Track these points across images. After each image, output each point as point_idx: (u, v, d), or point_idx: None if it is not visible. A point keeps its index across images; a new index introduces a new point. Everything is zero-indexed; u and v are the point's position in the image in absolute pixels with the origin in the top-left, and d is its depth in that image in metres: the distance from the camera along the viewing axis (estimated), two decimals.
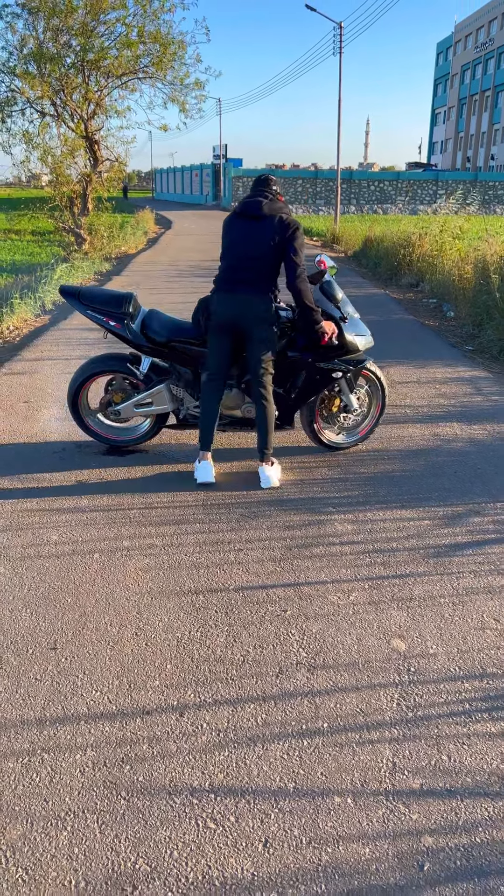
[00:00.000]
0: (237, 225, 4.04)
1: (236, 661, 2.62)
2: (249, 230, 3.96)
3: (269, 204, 3.96)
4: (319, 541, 3.50)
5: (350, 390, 4.43)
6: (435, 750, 2.21)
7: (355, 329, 4.25)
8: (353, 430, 4.66)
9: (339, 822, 1.95)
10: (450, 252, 11.64)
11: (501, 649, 2.68)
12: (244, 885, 1.78)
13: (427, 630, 2.80)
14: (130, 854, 1.85)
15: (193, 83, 17.24)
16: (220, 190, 48.10)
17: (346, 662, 2.61)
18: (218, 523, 3.67)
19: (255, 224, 3.95)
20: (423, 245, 12.72)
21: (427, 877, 1.80)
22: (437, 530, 3.60)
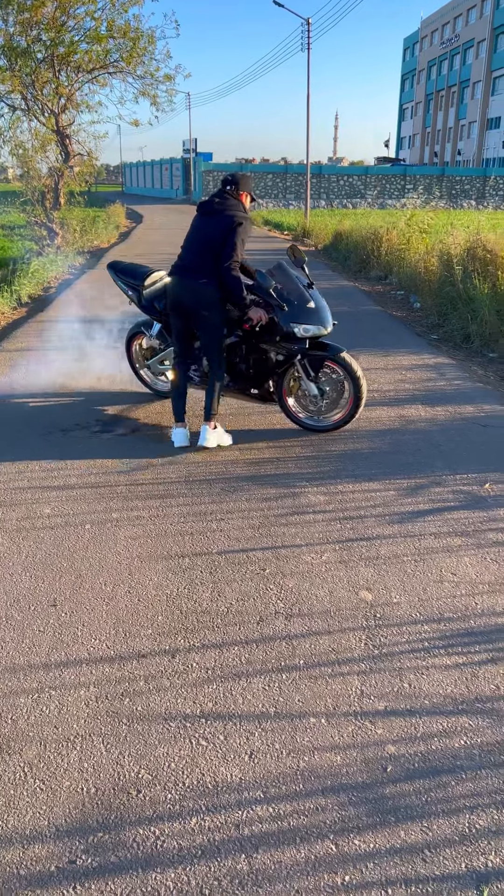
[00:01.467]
0: (196, 221, 4.62)
1: (221, 611, 2.90)
2: (203, 225, 4.53)
3: (222, 202, 4.51)
4: (294, 510, 3.79)
5: (307, 376, 4.71)
6: (398, 679, 2.51)
7: (295, 318, 4.51)
8: (321, 416, 4.91)
9: (314, 737, 2.25)
10: (416, 245, 12.01)
11: (457, 598, 3.00)
12: (233, 787, 2.06)
13: (391, 583, 3.11)
14: (133, 767, 2.13)
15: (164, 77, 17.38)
16: (191, 184, 48.11)
17: (319, 611, 2.91)
18: (200, 496, 3.94)
19: (208, 219, 4.51)
20: (391, 238, 13.09)
21: (389, 777, 2.11)
22: (402, 499, 3.91)
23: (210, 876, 1.80)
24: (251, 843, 1.89)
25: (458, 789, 2.06)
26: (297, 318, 4.52)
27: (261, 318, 4.53)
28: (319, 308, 4.56)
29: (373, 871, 1.82)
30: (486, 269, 8.17)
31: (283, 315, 4.51)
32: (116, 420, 5.18)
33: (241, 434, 4.89)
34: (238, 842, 1.89)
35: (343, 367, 4.67)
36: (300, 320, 4.52)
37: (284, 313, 4.51)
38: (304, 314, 4.53)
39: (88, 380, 6.12)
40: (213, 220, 4.45)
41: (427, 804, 2.01)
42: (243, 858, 1.85)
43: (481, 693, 2.45)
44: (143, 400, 5.63)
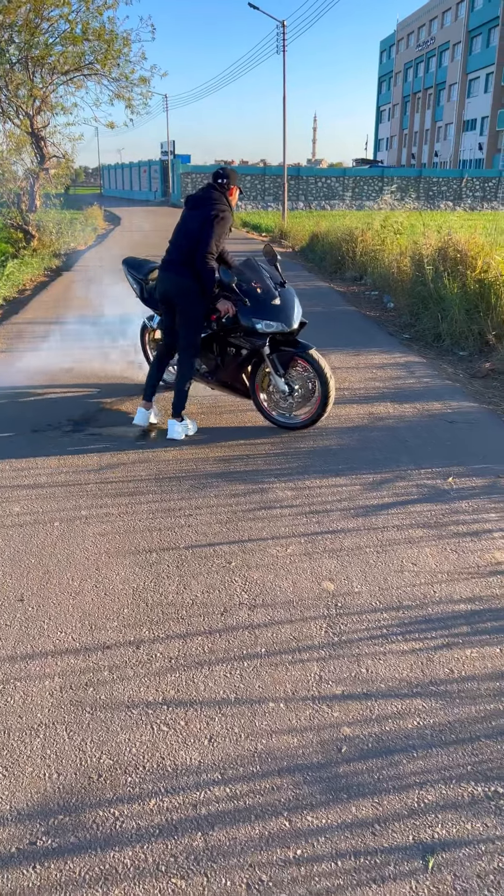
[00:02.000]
0: (182, 215, 4.75)
1: (186, 603, 2.96)
2: (186, 219, 4.68)
3: (206, 195, 4.64)
4: (262, 505, 3.86)
5: (276, 371, 4.79)
6: (356, 665, 2.59)
7: (258, 314, 4.60)
8: (291, 412, 4.99)
9: (273, 721, 2.32)
10: (391, 246, 12.14)
11: (416, 586, 3.08)
12: (192, 769, 2.13)
13: (354, 574, 3.18)
14: (95, 752, 2.18)
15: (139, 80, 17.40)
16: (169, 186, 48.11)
17: (282, 601, 2.98)
18: (170, 493, 4.00)
19: (191, 213, 4.67)
20: (366, 240, 13.21)
21: (344, 757, 2.18)
22: (367, 493, 4.00)
23: (166, 853, 1.86)
24: (207, 821, 1.95)
25: (409, 767, 2.14)
26: (260, 314, 4.60)
27: (228, 310, 4.65)
28: (285, 306, 4.62)
29: (324, 845, 1.89)
30: (455, 269, 8.30)
31: (245, 310, 4.62)
32: (88, 420, 5.22)
33: (213, 432, 4.95)
34: (195, 821, 1.96)
35: (311, 365, 4.73)
36: (263, 316, 4.60)
37: (246, 308, 4.62)
38: (267, 310, 4.61)
39: (63, 380, 6.15)
40: (196, 213, 4.61)
41: (379, 781, 2.09)
42: (199, 836, 1.91)
43: (436, 676, 2.53)
44: (115, 400, 5.68)
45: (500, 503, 3.87)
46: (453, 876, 1.82)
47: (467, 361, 7.00)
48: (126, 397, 5.73)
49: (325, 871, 1.82)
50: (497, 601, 2.98)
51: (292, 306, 4.67)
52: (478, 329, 7.30)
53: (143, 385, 5.09)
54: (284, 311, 4.62)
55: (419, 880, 1.80)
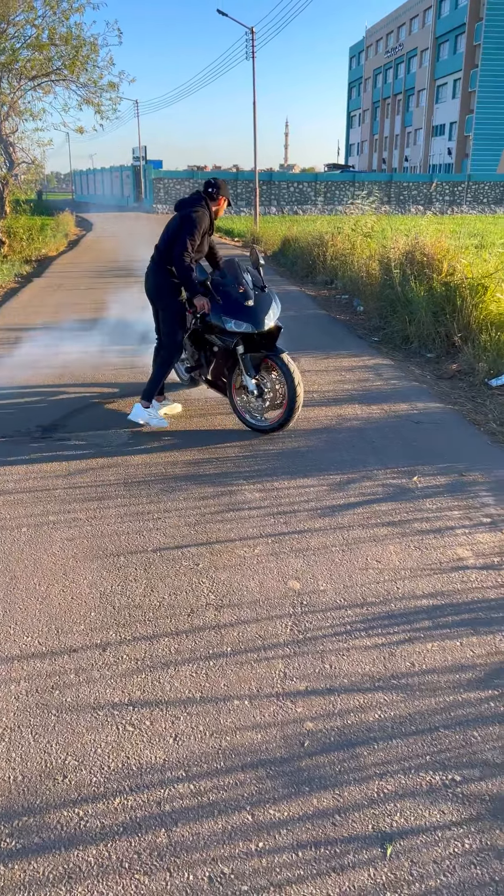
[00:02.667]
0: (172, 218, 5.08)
1: (153, 606, 2.98)
2: (168, 223, 5.00)
3: (189, 200, 4.93)
4: (230, 507, 3.90)
5: (247, 371, 4.84)
6: (320, 661, 2.63)
7: (230, 313, 4.70)
8: (261, 415, 5.03)
9: (237, 718, 2.35)
10: (360, 251, 12.27)
11: (380, 583, 3.14)
12: (157, 767, 2.15)
13: (319, 572, 3.23)
14: (60, 754, 2.20)
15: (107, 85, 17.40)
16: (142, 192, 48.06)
17: (249, 601, 3.01)
18: (138, 497, 4.02)
19: (175, 216, 4.98)
20: (336, 244, 13.34)
21: (307, 751, 2.22)
22: (334, 493, 4.05)
23: (130, 850, 1.89)
24: (171, 818, 1.98)
25: (370, 759, 2.19)
26: (231, 313, 4.69)
27: (203, 306, 4.80)
28: (258, 308, 4.69)
29: (285, 837, 1.93)
30: (423, 273, 8.42)
31: (216, 307, 4.75)
32: (56, 426, 5.21)
33: (182, 435, 4.98)
34: (159, 818, 1.98)
35: (280, 369, 4.78)
36: (234, 315, 4.69)
37: (218, 306, 4.73)
38: (239, 310, 4.68)
39: (32, 386, 6.13)
40: (175, 217, 4.94)
41: (340, 774, 2.13)
42: (163, 832, 1.94)
43: (397, 670, 2.58)
44: (84, 406, 5.68)
45: (463, 501, 3.95)
46: (410, 862, 1.86)
47: (434, 363, 7.10)
48: (95, 403, 5.73)
49: (286, 862, 1.86)
50: (458, 596, 3.04)
51: (266, 309, 4.71)
52: (444, 331, 7.41)
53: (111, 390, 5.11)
54: (256, 313, 4.68)
55: (377, 868, 1.85)
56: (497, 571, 3.23)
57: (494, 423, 5.29)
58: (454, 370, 6.64)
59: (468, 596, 3.05)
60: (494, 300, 7.29)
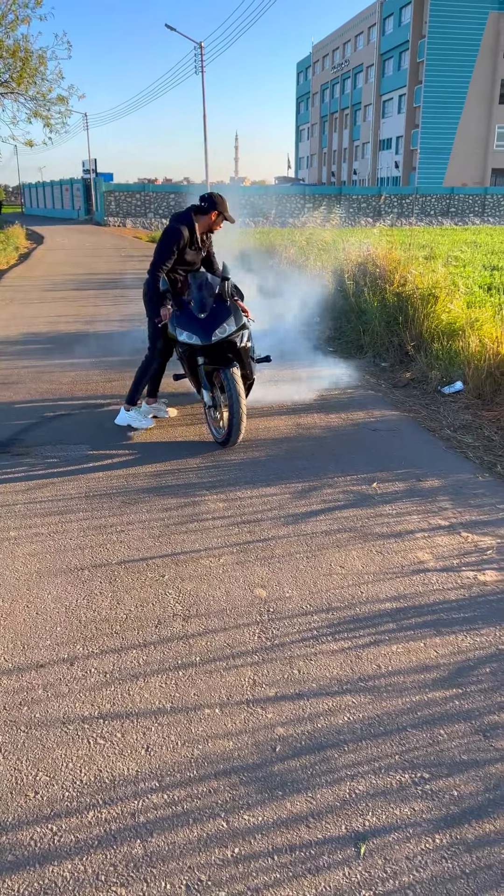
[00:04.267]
0: None
1: (120, 618, 2.98)
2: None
3: (174, 215, 5.16)
4: (194, 518, 3.91)
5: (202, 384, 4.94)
6: (288, 667, 2.66)
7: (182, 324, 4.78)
8: (217, 426, 5.04)
9: (208, 727, 2.36)
10: (314, 262, 12.43)
11: (345, 588, 3.19)
12: (130, 779, 2.15)
13: (285, 579, 3.27)
14: (31, 770, 2.18)
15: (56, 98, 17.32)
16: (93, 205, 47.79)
17: (216, 610, 3.03)
18: (100, 510, 4.00)
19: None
20: (290, 256, 13.49)
21: (278, 756, 2.25)
22: (296, 501, 4.10)
23: (106, 863, 1.88)
24: (146, 828, 1.98)
25: (341, 760, 2.22)
26: (182, 325, 4.75)
27: (165, 315, 4.96)
28: (209, 321, 4.68)
29: (260, 842, 1.95)
30: (375, 284, 8.59)
31: (173, 318, 4.85)
32: (14, 440, 5.15)
33: (144, 447, 4.98)
34: (133, 829, 1.98)
35: (225, 383, 4.71)
36: (185, 327, 4.74)
37: (174, 317, 4.82)
38: (191, 322, 4.73)
39: None
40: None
41: (312, 777, 2.16)
42: (138, 843, 1.94)
43: (364, 673, 2.63)
44: (41, 420, 5.62)
45: (421, 505, 4.04)
46: (384, 860, 1.90)
47: (389, 372, 7.24)
48: (52, 417, 5.68)
49: (262, 867, 1.88)
50: (420, 598, 3.11)
51: (218, 323, 4.69)
52: (398, 340, 7.57)
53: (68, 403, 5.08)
54: (205, 326, 4.68)
55: (352, 867, 1.88)
56: (457, 573, 3.32)
57: (448, 429, 5.42)
58: (408, 378, 6.79)
59: (430, 598, 3.12)
60: (445, 310, 7.48)
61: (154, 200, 41.73)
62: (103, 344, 8.63)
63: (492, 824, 2.00)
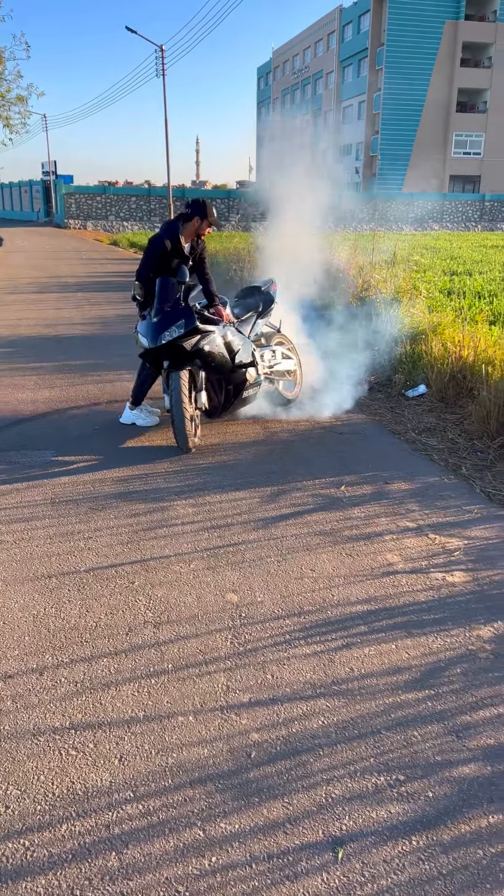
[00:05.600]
0: None
1: (89, 626, 2.93)
2: None
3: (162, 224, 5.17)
4: (163, 523, 3.87)
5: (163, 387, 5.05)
6: (261, 672, 2.65)
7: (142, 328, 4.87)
8: None
9: (183, 735, 2.34)
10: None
11: (316, 591, 3.20)
12: (104, 790, 2.11)
13: (256, 584, 3.26)
14: (1, 784, 2.12)
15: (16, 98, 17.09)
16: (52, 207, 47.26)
17: (187, 616, 3.00)
18: (67, 517, 3.94)
19: None
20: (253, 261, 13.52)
21: (254, 762, 2.23)
22: (266, 505, 4.10)
23: (81, 877, 1.84)
24: (121, 840, 1.95)
25: (317, 765, 2.22)
26: (142, 328, 4.86)
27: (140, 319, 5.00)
28: (159, 325, 4.76)
29: (238, 850, 1.93)
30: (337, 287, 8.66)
31: (138, 322, 4.94)
32: None
33: (110, 453, 4.92)
34: (108, 841, 1.95)
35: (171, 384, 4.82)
36: (142, 331, 4.85)
37: (140, 321, 4.94)
38: (147, 326, 4.82)
39: None
40: None
41: (288, 782, 2.15)
42: (114, 856, 1.90)
43: (337, 676, 2.63)
44: (2, 426, 5.52)
45: (389, 508, 4.07)
46: (362, 864, 1.90)
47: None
48: (14, 422, 5.58)
49: (240, 876, 1.86)
50: (390, 600, 3.13)
51: (167, 325, 4.73)
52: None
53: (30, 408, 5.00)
54: (155, 329, 4.76)
55: (330, 872, 1.88)
56: (425, 575, 3.35)
57: (413, 431, 5.48)
58: (372, 382, 6.85)
59: (400, 600, 3.14)
60: (408, 314, 7.57)
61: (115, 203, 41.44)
62: (66, 348, 8.53)
63: (467, 825, 2.02)
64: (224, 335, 4.99)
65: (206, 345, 4.79)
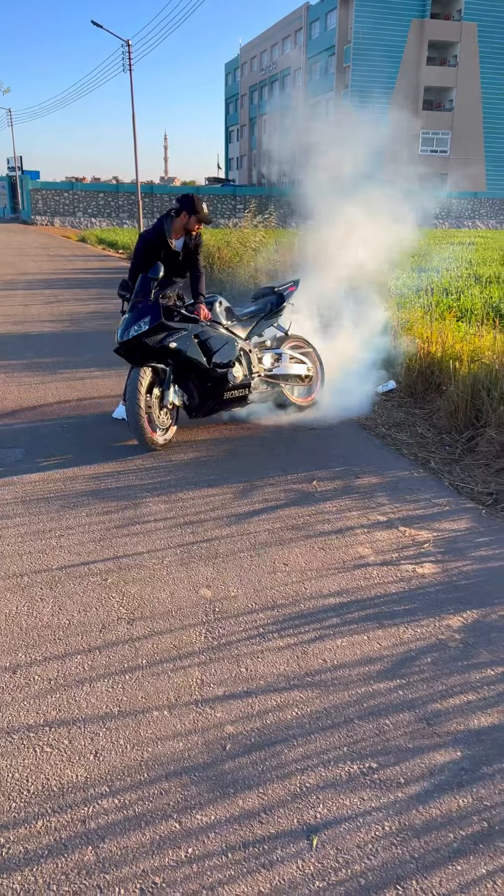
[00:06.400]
0: None
1: (62, 624, 2.92)
2: None
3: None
4: (136, 520, 3.87)
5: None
6: (235, 665, 2.67)
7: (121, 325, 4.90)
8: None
9: (158, 729, 2.35)
10: (247, 262, 12.50)
11: (288, 585, 3.23)
12: (79, 786, 2.12)
13: (229, 579, 3.28)
14: None
15: None
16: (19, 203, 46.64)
17: (161, 612, 3.01)
18: (38, 515, 3.91)
19: None
20: (223, 256, 13.52)
21: (228, 754, 2.25)
22: (238, 501, 4.12)
23: (57, 872, 1.85)
24: (97, 834, 1.96)
25: (291, 755, 2.25)
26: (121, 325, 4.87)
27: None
28: (129, 319, 4.78)
29: (214, 841, 1.95)
30: None
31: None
32: None
33: (82, 451, 4.90)
34: (84, 836, 1.95)
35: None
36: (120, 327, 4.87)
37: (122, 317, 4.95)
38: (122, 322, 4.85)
39: None
40: None
41: (263, 772, 2.18)
42: (90, 850, 1.91)
43: (311, 668, 2.67)
44: None
45: (360, 502, 4.12)
46: (336, 850, 1.93)
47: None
48: None
49: (216, 865, 1.88)
50: (362, 592, 3.18)
51: (136, 319, 4.75)
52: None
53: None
54: (123, 325, 4.81)
55: (305, 859, 1.91)
56: (396, 567, 3.40)
57: (383, 427, 5.55)
58: None
59: (371, 592, 3.19)
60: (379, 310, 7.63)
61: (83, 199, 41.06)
62: (34, 345, 8.45)
63: (437, 809, 2.07)
64: (199, 333, 4.97)
65: (174, 342, 4.77)
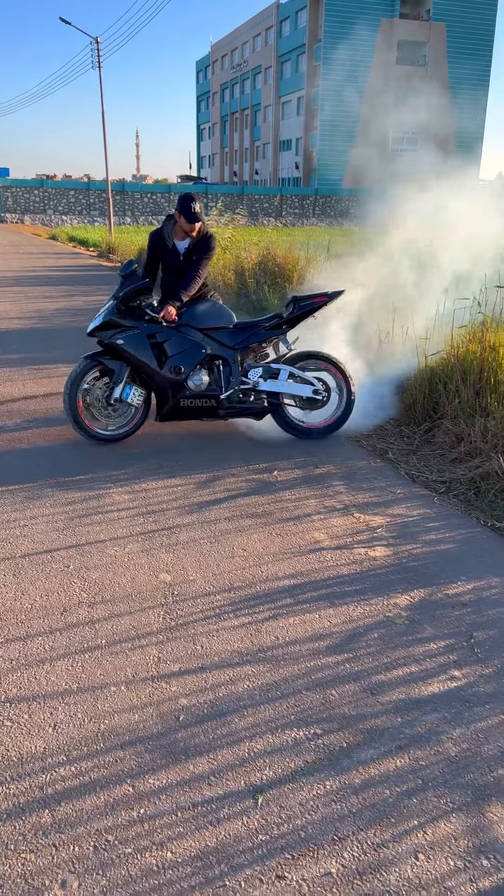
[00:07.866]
0: None
1: (24, 608, 3.02)
2: None
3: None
4: (99, 510, 3.97)
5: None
6: (191, 644, 2.79)
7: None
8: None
9: (114, 703, 2.46)
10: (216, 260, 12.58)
11: (246, 569, 3.35)
12: (38, 756, 2.22)
13: (189, 564, 3.40)
14: None
15: None
16: None
17: (121, 596, 3.12)
18: (2, 506, 3.99)
19: None
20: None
21: (181, 724, 2.38)
22: (200, 491, 4.24)
23: (15, 833, 1.95)
24: (54, 799, 2.07)
25: (241, 724, 2.38)
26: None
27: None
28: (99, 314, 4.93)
29: (165, 802, 2.07)
30: (275, 282, 8.84)
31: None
32: None
33: (45, 444, 4.97)
34: (42, 801, 2.06)
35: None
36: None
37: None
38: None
39: None
40: None
41: (213, 740, 2.30)
42: (47, 813, 2.02)
43: (263, 644, 2.80)
44: None
45: (317, 490, 4.26)
46: (279, 807, 2.06)
47: None
48: None
49: (166, 823, 2.00)
50: (315, 574, 3.32)
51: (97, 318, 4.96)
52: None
53: None
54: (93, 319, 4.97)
55: (250, 816, 2.03)
56: (349, 550, 3.55)
57: None
58: None
59: (324, 574, 3.33)
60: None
61: (54, 197, 40.82)
62: (1, 341, 8.47)
63: (376, 768, 2.21)
64: (157, 334, 4.91)
65: (120, 340, 4.84)
